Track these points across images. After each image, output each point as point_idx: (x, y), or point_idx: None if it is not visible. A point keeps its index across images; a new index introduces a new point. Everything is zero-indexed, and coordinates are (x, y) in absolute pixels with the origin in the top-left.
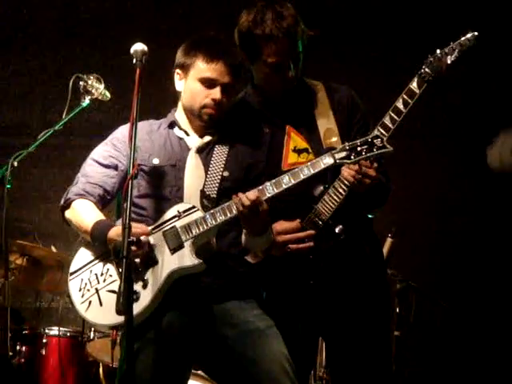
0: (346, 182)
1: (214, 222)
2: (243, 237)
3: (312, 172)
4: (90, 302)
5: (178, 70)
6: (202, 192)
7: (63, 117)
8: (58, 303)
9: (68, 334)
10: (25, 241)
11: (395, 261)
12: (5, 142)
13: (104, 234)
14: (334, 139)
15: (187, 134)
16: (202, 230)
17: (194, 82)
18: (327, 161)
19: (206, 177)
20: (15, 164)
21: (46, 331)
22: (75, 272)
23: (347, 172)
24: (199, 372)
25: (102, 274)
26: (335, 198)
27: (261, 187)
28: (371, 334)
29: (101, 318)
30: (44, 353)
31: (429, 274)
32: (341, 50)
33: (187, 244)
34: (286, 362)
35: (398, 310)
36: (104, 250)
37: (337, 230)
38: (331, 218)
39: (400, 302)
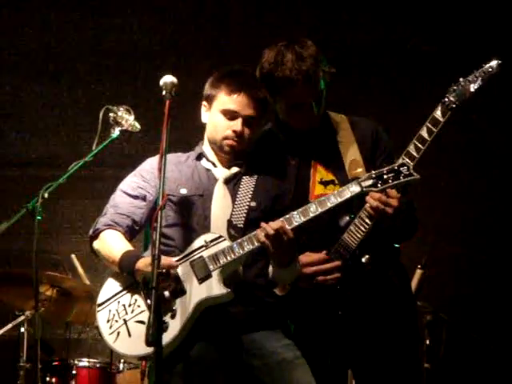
0: (370, 212)
1: (241, 251)
2: (270, 268)
3: (339, 200)
4: (118, 333)
5: (204, 102)
6: (229, 222)
7: (93, 148)
8: (88, 334)
9: (97, 366)
10: (55, 272)
11: (425, 292)
12: (36, 173)
13: (132, 265)
14: (360, 170)
15: (215, 166)
16: (229, 259)
17: (217, 114)
18: (354, 189)
19: (234, 207)
20: (46, 195)
21: (76, 362)
22: (103, 303)
23: (370, 202)
24: None
25: (130, 305)
26: (361, 228)
27: (288, 216)
28: (400, 366)
29: (129, 349)
30: None
31: (459, 306)
32: (364, 83)
33: (215, 273)
34: None
35: (428, 342)
36: (132, 280)
37: (363, 260)
38: (358, 249)
39: (430, 334)
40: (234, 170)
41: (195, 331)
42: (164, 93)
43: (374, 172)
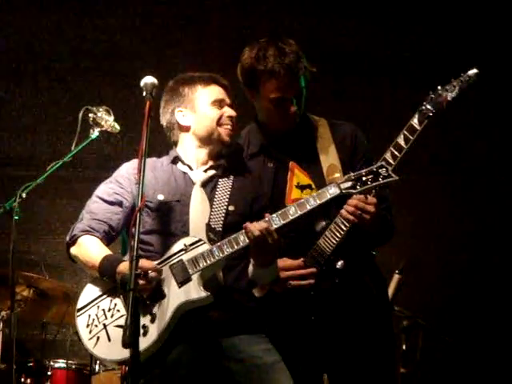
0: (348, 217)
1: (221, 254)
2: (250, 268)
3: (318, 202)
4: (98, 338)
5: (179, 109)
6: (208, 225)
7: (72, 148)
8: (64, 335)
9: (73, 367)
10: (31, 272)
11: (402, 297)
12: (14, 173)
13: (114, 268)
14: (337, 175)
15: (191, 169)
16: (209, 262)
17: (207, 107)
18: (333, 191)
19: (211, 211)
20: (23, 195)
21: (52, 363)
22: (82, 308)
23: (347, 208)
24: None
25: (109, 310)
26: (337, 233)
27: (267, 219)
28: (375, 371)
29: (109, 354)
30: None
31: (436, 311)
32: (342, 87)
33: (194, 277)
34: None
35: (404, 347)
36: (111, 285)
37: (338, 266)
38: (332, 254)
39: (407, 339)
40: (211, 172)
41: (174, 335)
42: (144, 94)
43: (352, 174)
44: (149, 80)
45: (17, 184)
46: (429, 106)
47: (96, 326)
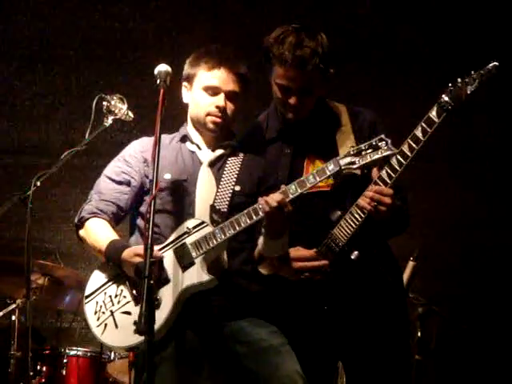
0: (365, 207)
1: (223, 236)
2: (260, 240)
3: (318, 180)
4: (105, 325)
5: (184, 83)
6: (212, 207)
7: (86, 137)
8: (79, 323)
9: (88, 355)
10: (46, 261)
11: (417, 285)
12: (28, 161)
13: (118, 255)
14: None
15: (199, 148)
16: (211, 245)
17: (199, 92)
18: (332, 167)
19: (217, 191)
20: (38, 184)
21: (67, 351)
22: (90, 295)
23: (363, 199)
24: None
25: (116, 296)
26: (351, 223)
27: (283, 189)
28: (390, 358)
29: (116, 341)
30: (64, 373)
31: (451, 298)
32: (367, 74)
33: (198, 260)
34: (299, 379)
35: (419, 335)
36: (118, 271)
37: (352, 257)
38: (347, 245)
39: (422, 327)
40: (219, 152)
41: (180, 319)
42: (158, 82)
43: (352, 148)
44: (162, 68)
45: (31, 172)
46: (447, 99)
47: (103, 312)
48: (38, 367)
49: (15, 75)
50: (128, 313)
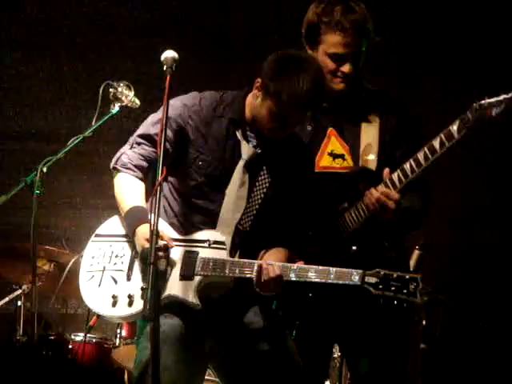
0: (369, 206)
1: (230, 273)
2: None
3: (337, 281)
4: (92, 276)
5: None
6: (237, 228)
7: (92, 123)
8: (85, 309)
9: (94, 341)
10: (52, 247)
11: (422, 273)
12: (35, 147)
13: (133, 226)
14: (371, 157)
15: (247, 141)
16: (214, 274)
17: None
18: (355, 279)
19: (245, 207)
20: (44, 170)
21: (72, 337)
22: (99, 236)
23: (369, 198)
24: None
25: (116, 256)
26: (355, 218)
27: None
28: (388, 342)
29: (92, 300)
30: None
31: (456, 287)
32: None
33: (197, 279)
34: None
35: (424, 323)
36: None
37: (351, 251)
38: (348, 237)
39: (427, 315)
40: (258, 150)
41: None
42: (165, 68)
43: (383, 271)
44: (169, 54)
45: (37, 158)
46: (471, 117)
47: (98, 263)
48: (44, 353)
49: (22, 62)
50: (114, 280)
